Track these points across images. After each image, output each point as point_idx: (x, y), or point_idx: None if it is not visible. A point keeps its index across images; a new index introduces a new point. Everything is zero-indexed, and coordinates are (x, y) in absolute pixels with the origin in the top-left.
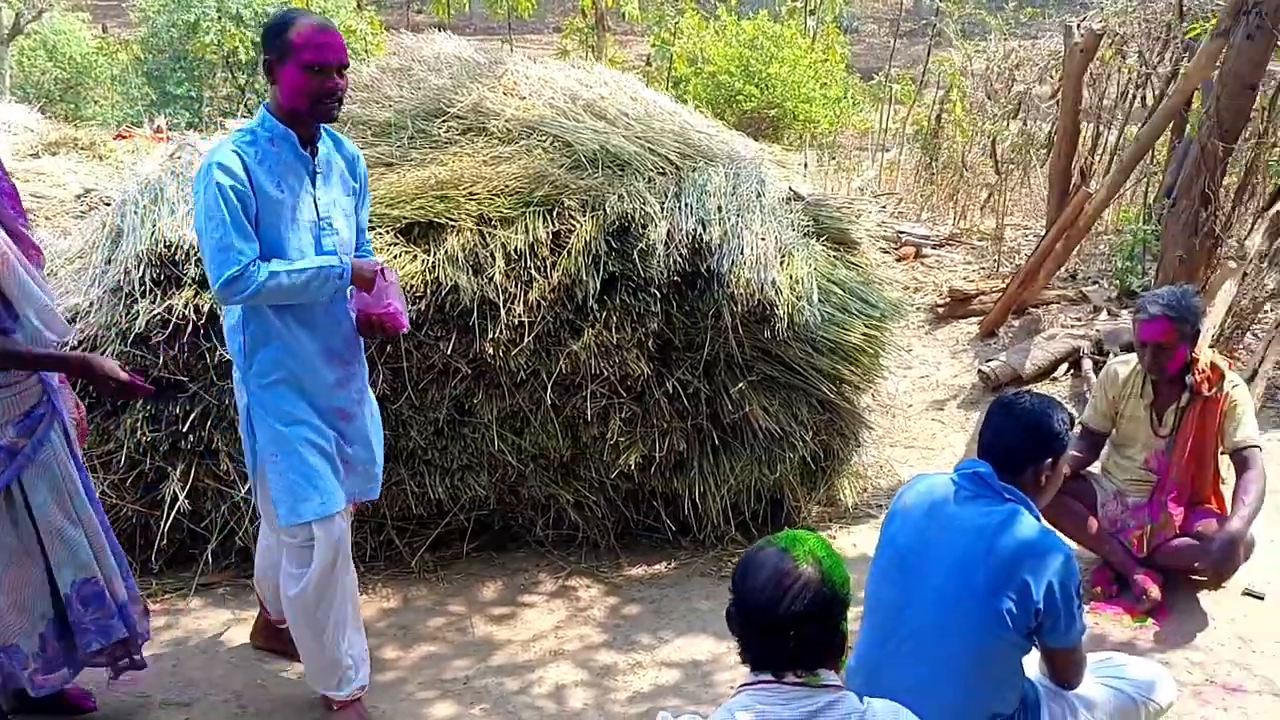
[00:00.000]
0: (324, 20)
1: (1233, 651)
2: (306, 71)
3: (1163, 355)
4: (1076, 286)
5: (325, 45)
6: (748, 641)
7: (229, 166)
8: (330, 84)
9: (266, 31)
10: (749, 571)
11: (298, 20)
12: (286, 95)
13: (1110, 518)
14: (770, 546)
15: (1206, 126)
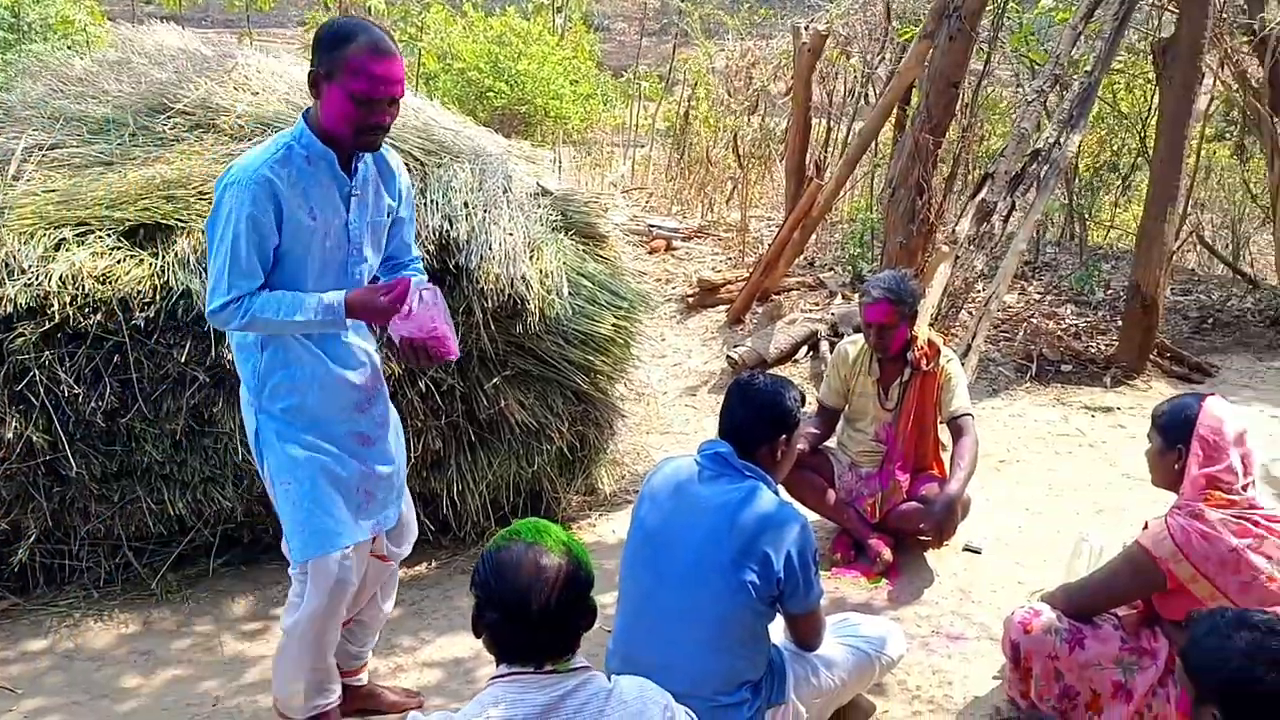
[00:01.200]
0: (385, 43)
1: (955, 603)
2: (353, 100)
3: (886, 334)
4: (814, 273)
5: (380, 78)
6: (504, 636)
7: (259, 195)
8: (378, 118)
9: (321, 39)
10: (502, 568)
11: (357, 38)
12: (329, 118)
13: (846, 488)
14: (516, 541)
15: (918, 121)
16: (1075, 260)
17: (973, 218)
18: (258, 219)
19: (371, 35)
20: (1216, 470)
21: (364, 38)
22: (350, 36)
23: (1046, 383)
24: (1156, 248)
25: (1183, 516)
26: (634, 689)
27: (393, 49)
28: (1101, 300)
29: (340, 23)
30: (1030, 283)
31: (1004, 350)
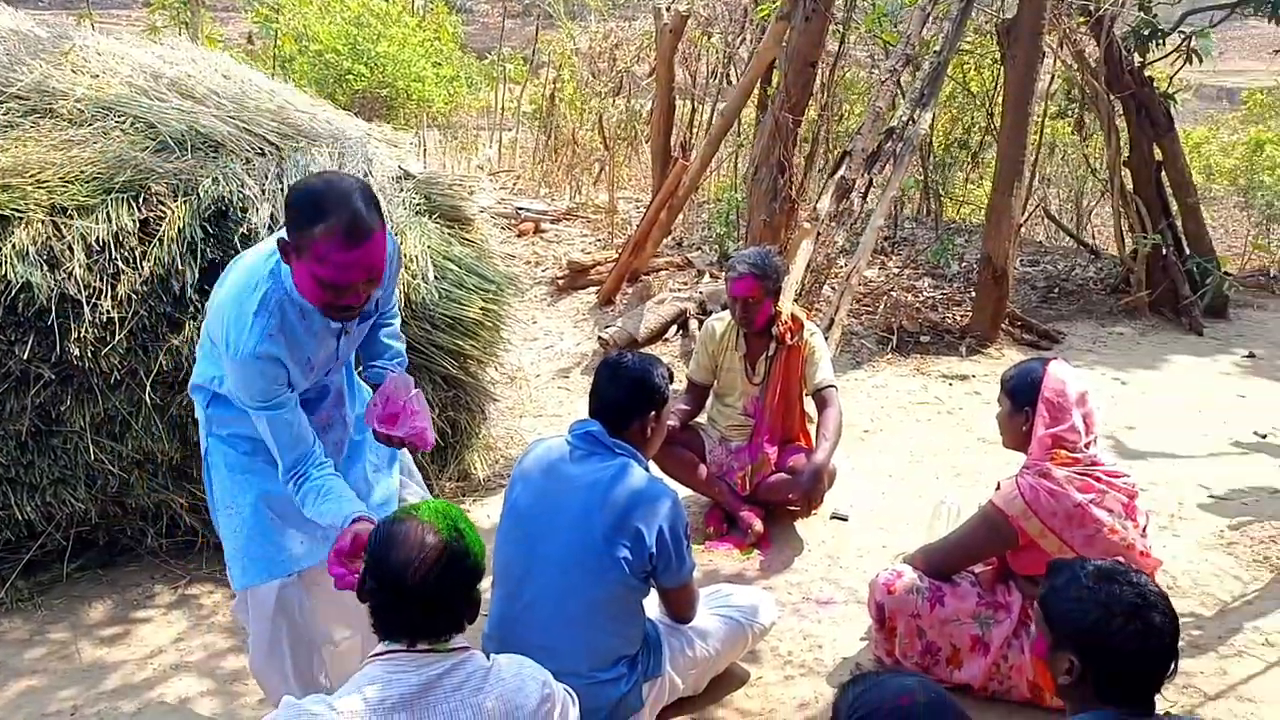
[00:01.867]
0: (358, 226)
1: (824, 570)
2: (320, 284)
3: (751, 309)
4: (682, 253)
5: (350, 266)
6: (379, 607)
7: (270, 359)
8: (348, 300)
9: (291, 206)
10: (388, 543)
11: (328, 219)
12: (299, 289)
13: (717, 463)
14: (406, 518)
15: (778, 100)
16: (931, 235)
17: (833, 195)
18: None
19: (343, 216)
20: (1061, 430)
21: (335, 220)
22: (321, 216)
23: (906, 354)
24: (1005, 221)
25: (1031, 475)
26: (512, 666)
27: (367, 231)
28: (956, 273)
29: (315, 191)
30: (890, 258)
31: (866, 323)
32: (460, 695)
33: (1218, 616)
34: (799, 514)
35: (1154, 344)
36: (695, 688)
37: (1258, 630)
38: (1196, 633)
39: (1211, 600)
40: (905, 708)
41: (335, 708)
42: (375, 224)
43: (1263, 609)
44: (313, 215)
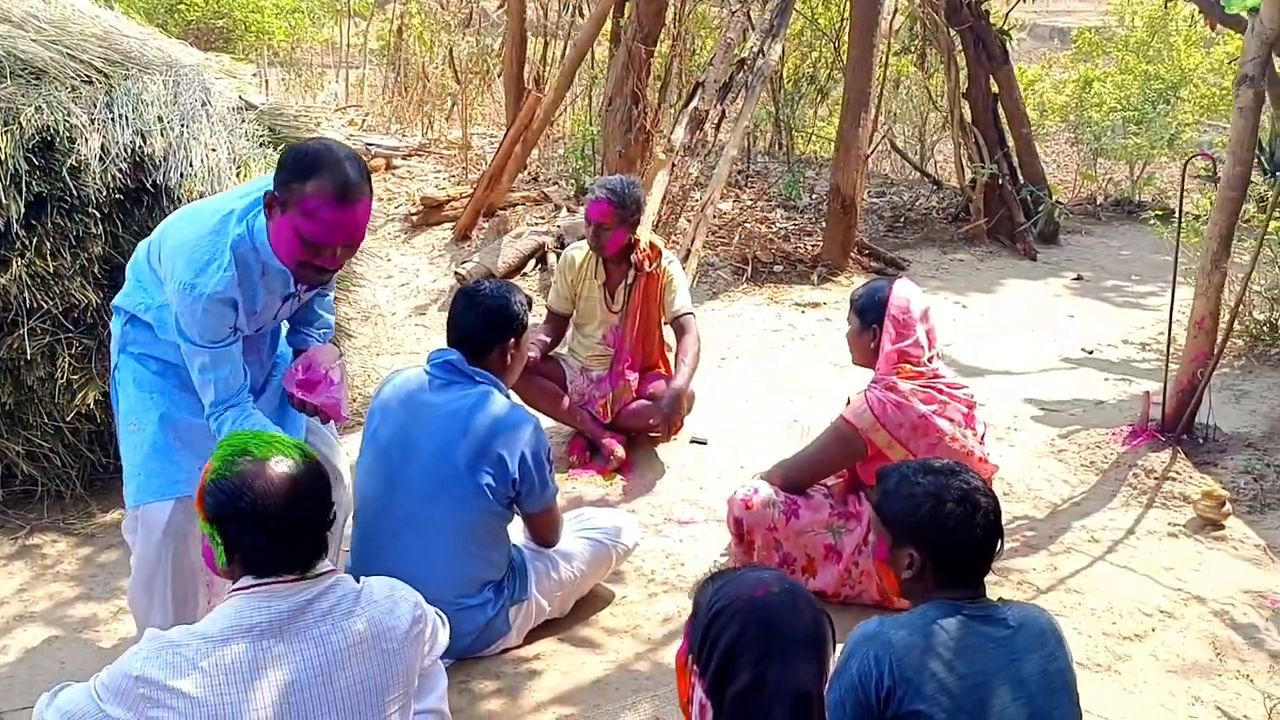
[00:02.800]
0: (350, 189)
1: (684, 491)
2: (302, 240)
3: (603, 235)
4: (539, 188)
5: (335, 226)
6: (252, 552)
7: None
8: (325, 261)
9: (284, 161)
10: (241, 485)
11: (321, 174)
12: (275, 243)
13: (578, 392)
14: (247, 457)
15: (630, 32)
16: (784, 168)
17: (686, 126)
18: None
19: (337, 176)
20: (906, 345)
21: (328, 178)
22: (314, 172)
23: (761, 283)
24: (852, 153)
25: (879, 389)
26: (384, 588)
27: (357, 195)
28: (808, 204)
29: (311, 150)
30: (744, 190)
31: (721, 254)
32: (331, 619)
33: (1049, 518)
34: (660, 439)
35: (992, 269)
36: (561, 609)
37: (1084, 528)
38: (1030, 534)
39: (1043, 503)
40: (761, 598)
41: (201, 635)
42: (365, 192)
43: (1088, 509)
44: (307, 170)
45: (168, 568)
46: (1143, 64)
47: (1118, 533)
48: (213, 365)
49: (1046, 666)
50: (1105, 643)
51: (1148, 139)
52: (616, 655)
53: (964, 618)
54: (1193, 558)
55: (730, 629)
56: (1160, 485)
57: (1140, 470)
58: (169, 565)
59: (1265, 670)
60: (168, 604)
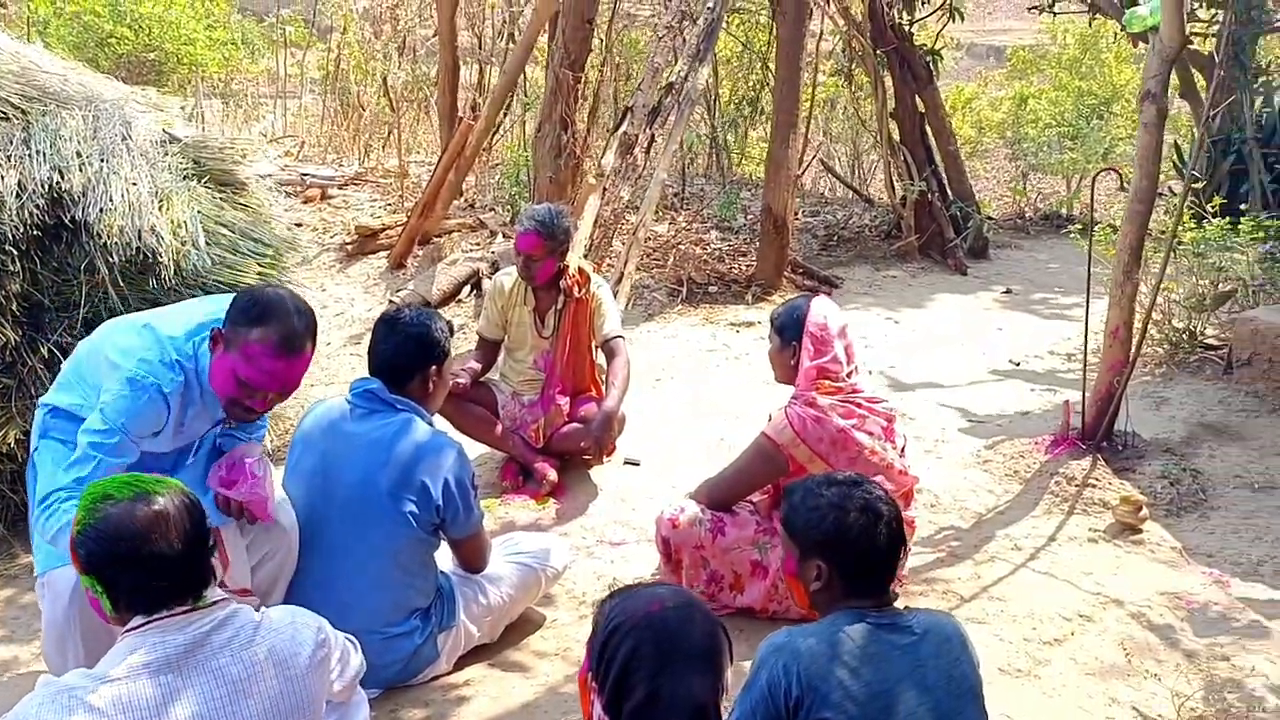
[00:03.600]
0: (293, 342)
1: (616, 513)
2: (238, 381)
3: (533, 265)
4: (474, 214)
5: (272, 375)
6: (147, 594)
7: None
8: (255, 404)
9: (236, 303)
10: (121, 531)
11: (269, 324)
12: (211, 378)
13: (510, 417)
14: (112, 501)
15: (557, 58)
16: (719, 190)
17: (616, 150)
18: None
19: (283, 329)
20: (824, 361)
21: (274, 328)
22: (262, 320)
23: (696, 304)
24: (783, 173)
25: (799, 405)
26: (284, 617)
27: (299, 348)
28: (742, 225)
29: (264, 298)
30: (679, 212)
31: (656, 276)
32: (231, 650)
33: (974, 528)
34: (592, 462)
35: (923, 284)
36: (491, 635)
37: (1008, 537)
38: (956, 543)
39: (969, 513)
40: (655, 614)
41: (97, 677)
42: (307, 346)
43: (1012, 517)
44: (256, 317)
45: (76, 631)
46: (1076, 81)
47: (1040, 540)
48: (114, 451)
49: (952, 672)
50: (1026, 648)
51: (1082, 154)
52: (546, 678)
53: (870, 626)
54: (1111, 562)
55: (625, 645)
56: (1081, 492)
57: (1062, 478)
58: (77, 628)
59: (1178, 670)
60: (82, 665)
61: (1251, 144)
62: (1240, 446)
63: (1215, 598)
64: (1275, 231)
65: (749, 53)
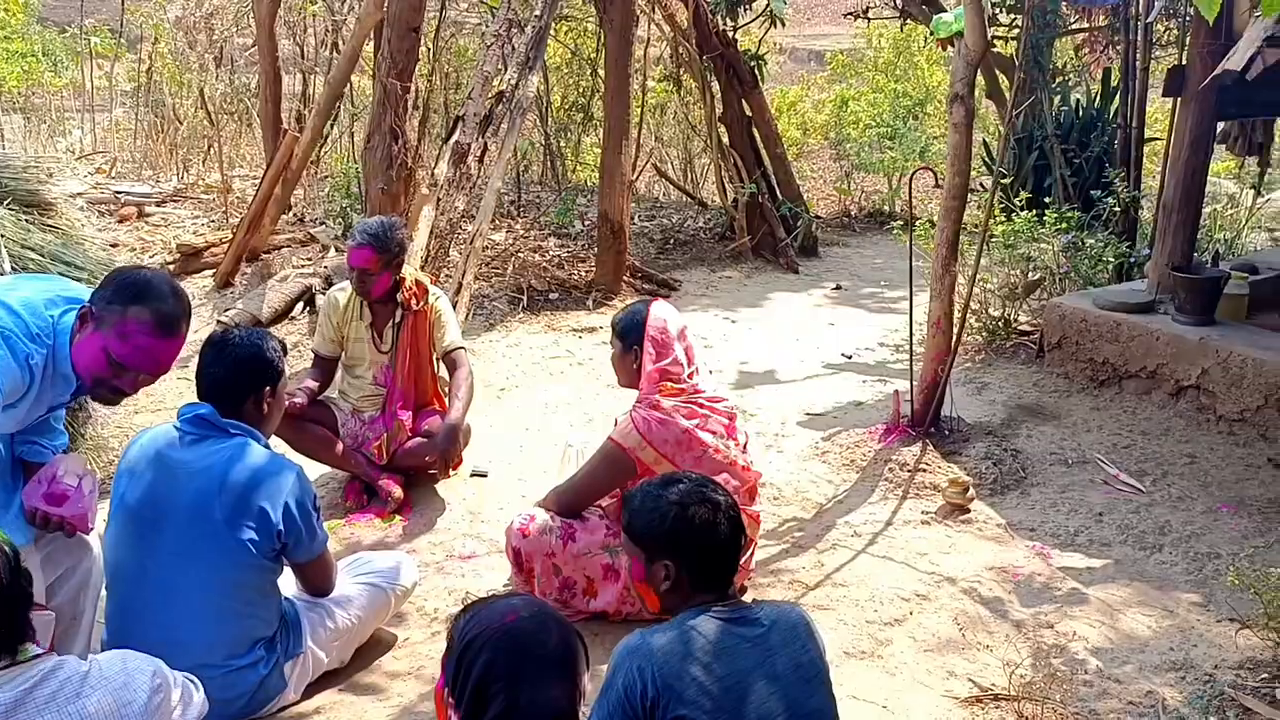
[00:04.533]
0: (171, 323)
1: (466, 526)
2: (109, 359)
3: (368, 280)
4: (305, 228)
5: (147, 354)
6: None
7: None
8: (122, 382)
9: (109, 280)
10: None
11: (147, 302)
12: (77, 357)
13: (352, 434)
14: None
15: (384, 68)
16: (555, 196)
17: (449, 160)
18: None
19: (162, 308)
20: (666, 364)
21: (152, 307)
22: (140, 298)
23: (537, 312)
24: (617, 179)
25: (643, 408)
26: (115, 663)
27: (176, 329)
28: (580, 231)
29: (141, 278)
30: (516, 220)
31: (496, 285)
32: (56, 705)
33: (816, 518)
34: (439, 476)
35: (758, 283)
36: (341, 659)
37: (848, 524)
38: (799, 534)
39: (810, 504)
40: (510, 624)
41: None
42: (183, 329)
43: (851, 505)
44: (133, 295)
45: None
46: (891, 83)
47: (877, 525)
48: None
49: (799, 659)
50: (868, 630)
51: (901, 153)
52: (401, 699)
53: (720, 621)
54: (943, 542)
55: (482, 658)
56: (913, 477)
57: (895, 465)
58: None
59: (1007, 640)
60: None
61: (1052, 141)
62: (1054, 425)
63: (1038, 569)
64: (1076, 222)
65: (579, 60)
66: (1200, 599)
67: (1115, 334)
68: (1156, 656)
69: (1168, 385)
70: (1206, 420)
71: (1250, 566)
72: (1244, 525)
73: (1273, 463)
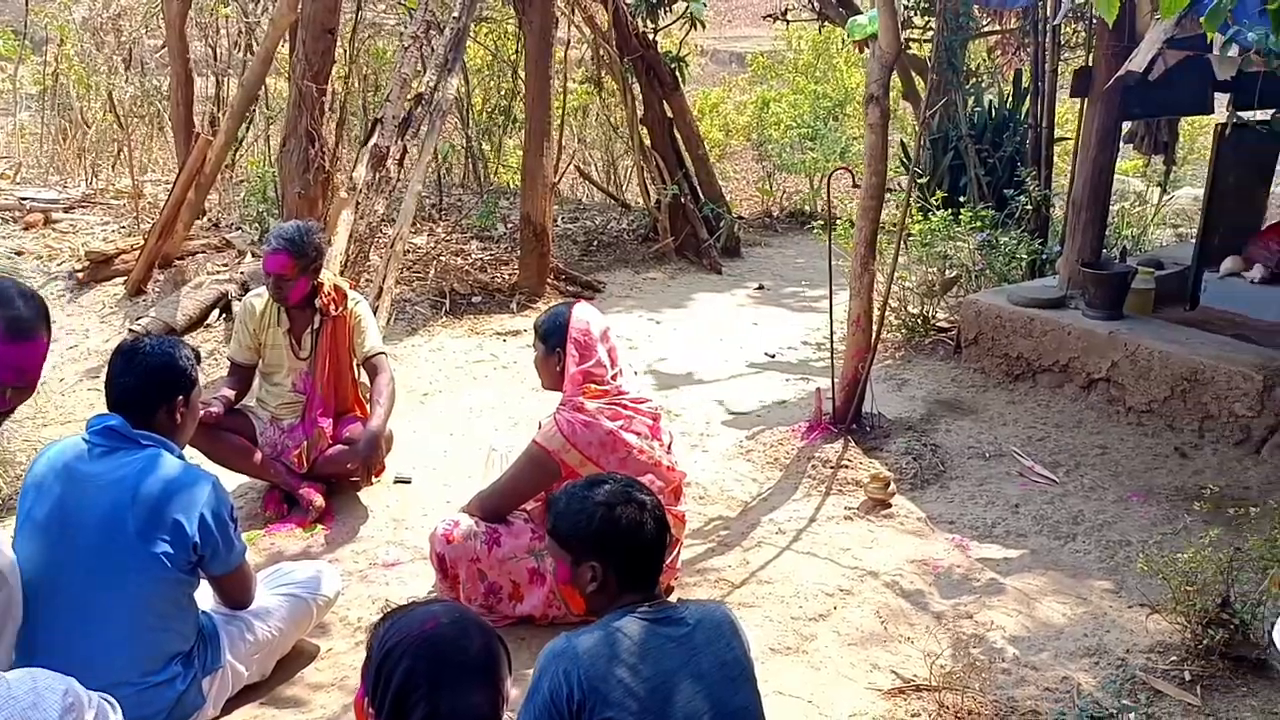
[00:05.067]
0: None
1: (390, 533)
2: None
3: (285, 286)
4: (220, 234)
5: (4, 361)
6: None
7: None
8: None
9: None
10: None
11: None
12: None
13: (271, 443)
14: None
15: (299, 70)
16: (477, 199)
17: (368, 163)
18: None
19: (10, 313)
20: (589, 366)
21: (1, 313)
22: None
23: (460, 315)
24: (539, 181)
25: (567, 411)
26: (24, 681)
27: (30, 333)
28: (503, 234)
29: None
30: (438, 224)
31: (417, 289)
32: None
33: (741, 516)
34: (361, 483)
35: (682, 284)
36: (262, 672)
37: (772, 522)
38: (725, 533)
39: (736, 503)
40: (430, 631)
41: None
42: (40, 332)
43: (775, 503)
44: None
45: None
46: (812, 85)
47: (801, 522)
48: None
49: (724, 657)
50: (793, 626)
51: (822, 153)
52: (323, 711)
53: (645, 622)
54: (866, 536)
55: (402, 666)
56: (835, 474)
57: (818, 462)
58: None
59: (928, 631)
60: None
61: (967, 141)
62: (972, 420)
63: (958, 561)
64: (990, 220)
65: (500, 62)
66: (1112, 586)
67: (1029, 329)
68: (1071, 643)
69: (1079, 378)
70: (1116, 412)
71: (1159, 553)
72: (1153, 513)
73: (1179, 452)
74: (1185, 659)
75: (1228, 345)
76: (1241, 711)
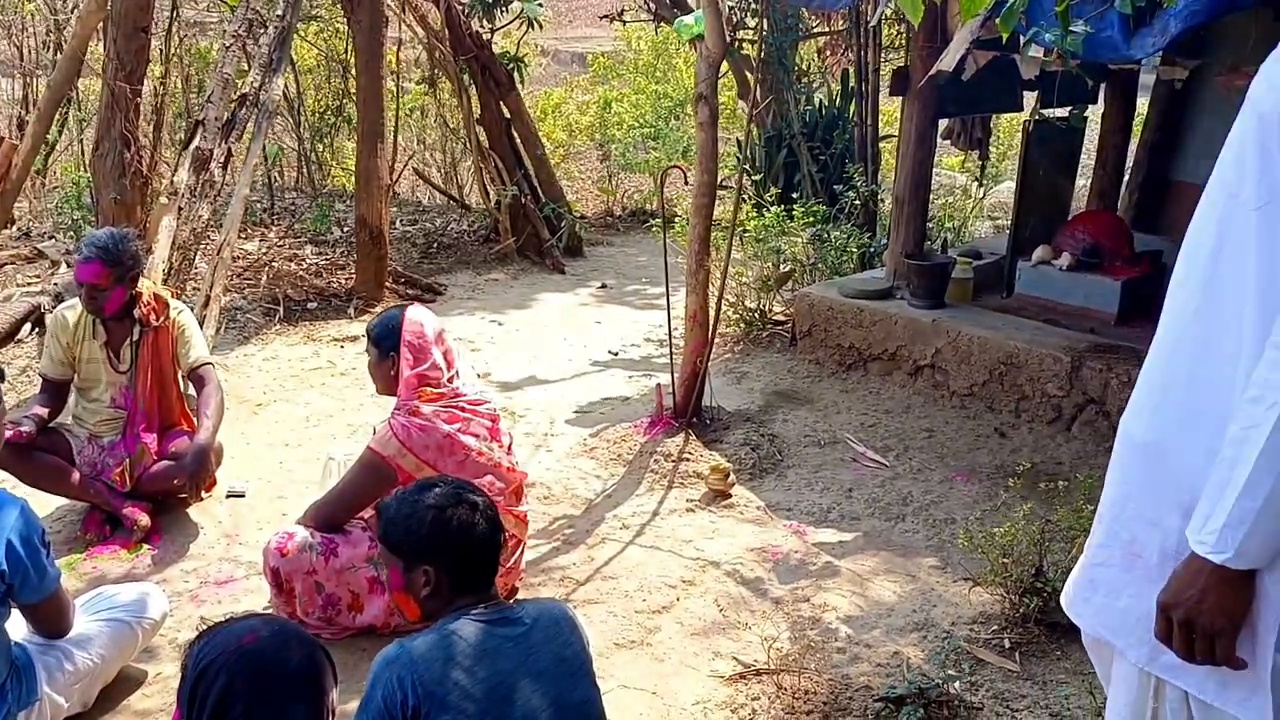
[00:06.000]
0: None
1: (222, 550)
2: None
3: (100, 296)
4: (31, 244)
5: None
6: None
7: None
8: None
9: None
10: None
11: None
12: None
13: (89, 462)
14: None
15: (111, 70)
16: (311, 202)
17: (190, 167)
18: None
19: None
20: (424, 369)
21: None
22: None
23: (295, 322)
24: (374, 183)
25: (402, 415)
26: None
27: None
28: (339, 238)
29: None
30: (271, 229)
31: (249, 296)
32: None
33: (585, 514)
34: (190, 499)
35: (524, 285)
36: (84, 702)
37: (616, 517)
38: (569, 531)
39: (580, 500)
40: (249, 645)
41: None
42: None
43: (619, 499)
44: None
45: None
46: (652, 84)
47: (645, 516)
48: None
49: (563, 654)
50: (637, 619)
51: (664, 152)
52: None
53: (481, 623)
54: (707, 527)
55: (218, 683)
56: (677, 467)
57: (660, 456)
58: None
59: (766, 617)
60: None
61: (799, 139)
62: (808, 409)
63: (795, 547)
64: (822, 215)
65: (331, 61)
66: (939, 562)
67: (859, 320)
68: (901, 619)
69: (907, 365)
70: (941, 396)
71: (980, 528)
72: (975, 491)
73: (999, 432)
74: (1005, 627)
75: (1040, 330)
76: (1056, 673)
